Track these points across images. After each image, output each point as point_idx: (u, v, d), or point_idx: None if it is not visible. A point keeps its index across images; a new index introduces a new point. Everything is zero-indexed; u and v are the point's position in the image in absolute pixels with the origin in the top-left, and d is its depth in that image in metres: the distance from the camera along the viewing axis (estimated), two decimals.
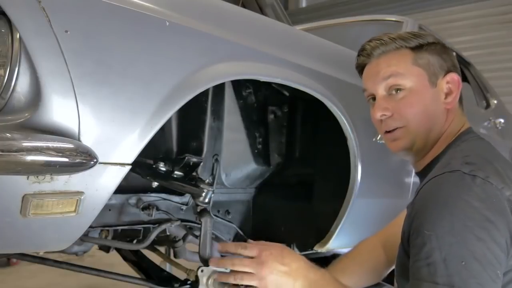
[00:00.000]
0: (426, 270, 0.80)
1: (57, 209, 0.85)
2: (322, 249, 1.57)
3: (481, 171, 0.83)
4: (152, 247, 1.69)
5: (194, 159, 1.32)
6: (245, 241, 1.64)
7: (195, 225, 1.48)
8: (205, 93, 1.31)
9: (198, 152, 1.36)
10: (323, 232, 1.56)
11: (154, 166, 1.28)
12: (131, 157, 0.92)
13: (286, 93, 1.55)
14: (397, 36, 1.00)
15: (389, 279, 1.25)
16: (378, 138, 1.52)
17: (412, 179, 1.79)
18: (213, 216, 1.43)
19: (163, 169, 1.28)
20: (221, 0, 1.25)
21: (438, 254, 0.79)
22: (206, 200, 1.25)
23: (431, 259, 0.79)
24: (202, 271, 1.31)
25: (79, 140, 0.83)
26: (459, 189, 0.82)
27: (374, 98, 1.05)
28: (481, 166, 0.84)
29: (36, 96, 0.79)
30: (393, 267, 1.14)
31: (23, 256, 1.32)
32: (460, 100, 1.02)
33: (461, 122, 1.02)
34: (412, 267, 0.83)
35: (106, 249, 1.55)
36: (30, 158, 0.74)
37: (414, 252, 0.84)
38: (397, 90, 0.98)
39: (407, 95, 0.98)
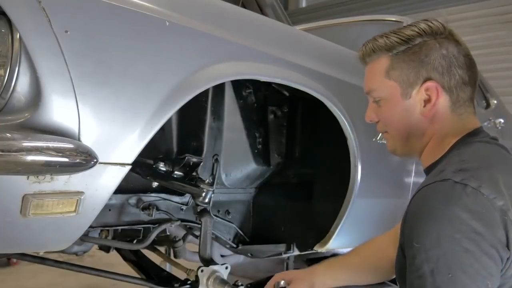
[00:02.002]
0: (417, 282, 0.81)
1: (57, 209, 0.85)
2: (322, 249, 1.57)
3: (474, 179, 0.82)
4: (152, 247, 1.69)
5: (194, 159, 1.32)
6: (245, 241, 1.65)
7: (195, 225, 1.48)
8: (205, 93, 1.31)
9: (198, 152, 1.36)
10: (323, 232, 1.56)
11: (154, 166, 1.28)
12: (131, 157, 0.92)
13: (286, 93, 1.55)
14: (384, 43, 0.98)
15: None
16: (378, 138, 1.52)
17: (412, 179, 1.79)
18: (213, 216, 1.43)
19: (163, 169, 1.28)
20: (221, 0, 1.25)
21: (426, 266, 0.80)
22: (206, 200, 1.25)
23: (420, 271, 0.80)
24: (202, 271, 1.31)
25: (79, 140, 0.83)
26: (448, 199, 0.81)
27: None
28: (475, 174, 0.83)
29: (36, 96, 0.79)
30: None
31: (23, 256, 1.32)
32: (472, 101, 0.99)
33: (469, 124, 0.98)
34: (407, 278, 0.85)
35: (106, 249, 1.55)
36: (30, 158, 0.74)
37: (408, 264, 0.85)
38: (377, 100, 1.02)
39: (384, 106, 1.01)
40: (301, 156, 1.65)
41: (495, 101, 3.18)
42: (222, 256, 1.74)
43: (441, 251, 0.79)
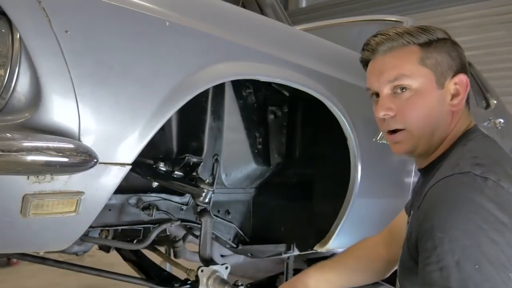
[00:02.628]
0: (438, 274, 0.77)
1: (57, 209, 0.85)
2: (322, 249, 1.57)
3: (492, 173, 0.81)
4: (152, 247, 1.70)
5: (194, 159, 1.32)
6: (245, 241, 1.65)
7: (195, 225, 1.48)
8: (205, 93, 1.31)
9: (198, 152, 1.36)
10: (323, 232, 1.56)
11: (154, 166, 1.28)
12: (131, 157, 0.92)
13: (286, 93, 1.56)
14: (405, 31, 0.96)
15: (392, 279, 1.24)
16: (378, 138, 1.52)
17: (412, 179, 1.79)
18: (213, 216, 1.43)
19: (163, 169, 1.28)
20: (221, 0, 1.25)
21: (450, 257, 0.76)
22: (206, 200, 1.25)
23: (443, 262, 0.77)
24: (202, 271, 1.32)
25: (79, 140, 0.83)
26: (471, 191, 0.80)
27: (377, 95, 1.00)
28: (492, 168, 0.82)
29: (36, 96, 0.79)
30: (396, 267, 1.12)
31: (23, 256, 1.32)
32: (467, 99, 0.99)
33: (467, 121, 0.99)
34: (422, 271, 0.81)
35: (106, 249, 1.56)
36: (30, 158, 0.74)
37: (425, 256, 0.81)
38: (403, 89, 0.95)
39: (412, 96, 0.94)
40: (301, 156, 1.65)
41: (495, 101, 3.19)
42: (222, 256, 1.74)
43: (468, 241, 0.76)
